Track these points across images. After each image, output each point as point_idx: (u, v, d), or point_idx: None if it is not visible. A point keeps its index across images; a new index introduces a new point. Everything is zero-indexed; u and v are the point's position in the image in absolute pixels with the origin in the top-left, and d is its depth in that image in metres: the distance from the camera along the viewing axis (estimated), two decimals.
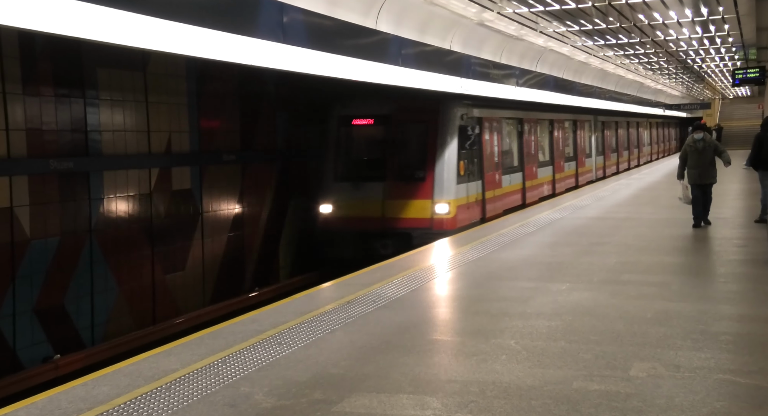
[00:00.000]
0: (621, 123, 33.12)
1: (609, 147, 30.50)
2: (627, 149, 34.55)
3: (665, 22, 18.59)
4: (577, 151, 25.14)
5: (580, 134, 25.56)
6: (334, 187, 14.51)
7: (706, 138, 12.66)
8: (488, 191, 15.82)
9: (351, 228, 14.06)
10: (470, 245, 11.56)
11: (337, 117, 14.95)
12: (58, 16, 5.53)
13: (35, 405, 5.07)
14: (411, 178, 14.20)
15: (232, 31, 7.43)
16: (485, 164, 15.77)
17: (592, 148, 27.50)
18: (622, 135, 33.33)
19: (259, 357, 5.98)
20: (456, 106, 14.61)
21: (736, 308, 7.22)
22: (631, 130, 35.48)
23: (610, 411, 4.61)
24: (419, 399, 4.92)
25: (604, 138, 29.40)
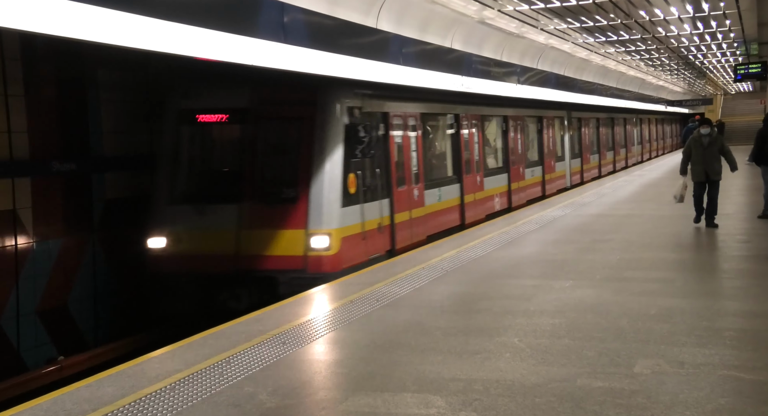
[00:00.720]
0: (604, 120, 29.09)
1: (588, 148, 26.29)
2: (612, 149, 30.45)
3: (666, 19, 18.56)
4: (545, 153, 20.99)
5: (548, 133, 21.43)
6: (169, 211, 10.15)
7: (713, 133, 12.12)
8: (401, 213, 11.72)
9: (190, 271, 9.86)
10: (473, 244, 11.56)
11: (175, 111, 10.52)
12: (54, 18, 5.49)
13: (40, 407, 5.08)
14: (277, 199, 9.94)
15: (232, 32, 7.42)
16: (395, 177, 11.63)
17: (565, 149, 23.43)
18: (604, 134, 29.20)
19: (263, 357, 5.98)
20: (342, 96, 10.31)
21: (740, 305, 7.21)
22: (617, 127, 31.47)
23: (614, 408, 4.60)
24: (423, 398, 4.92)
25: (581, 138, 25.24)
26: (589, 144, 26.54)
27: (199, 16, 6.98)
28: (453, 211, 14.20)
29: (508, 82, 16.95)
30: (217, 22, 7.22)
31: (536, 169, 20.33)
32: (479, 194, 15.63)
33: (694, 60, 31.38)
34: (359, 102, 10.72)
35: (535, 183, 20.06)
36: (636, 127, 36.13)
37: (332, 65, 9.44)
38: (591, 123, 26.94)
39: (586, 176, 25.46)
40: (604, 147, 28.67)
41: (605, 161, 28.99)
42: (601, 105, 26.90)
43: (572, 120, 24.16)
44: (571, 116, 23.87)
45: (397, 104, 12.05)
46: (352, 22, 10.21)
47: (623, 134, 32.82)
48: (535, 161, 20.33)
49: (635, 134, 35.94)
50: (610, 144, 30.14)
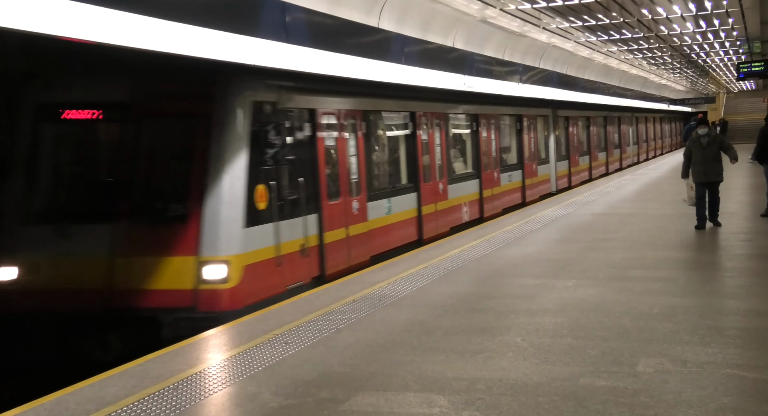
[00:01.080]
0: (595, 119, 26.91)
1: (577, 149, 24.05)
2: (604, 150, 28.15)
3: (669, 17, 18.54)
4: (525, 156, 18.82)
5: (529, 133, 19.37)
6: (21, 233, 8.12)
7: (711, 133, 11.87)
8: (334, 231, 9.68)
9: (46, 309, 7.70)
10: (475, 243, 11.55)
11: (32, 105, 8.44)
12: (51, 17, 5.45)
13: (43, 407, 5.09)
14: (162, 217, 8.00)
15: (235, 31, 7.41)
16: (326, 188, 9.60)
17: (550, 151, 21.39)
18: (596, 133, 27.01)
19: (266, 356, 5.99)
20: (250, 87, 8.29)
21: (743, 303, 7.20)
22: (610, 127, 29.15)
23: (617, 407, 4.60)
24: (426, 397, 4.92)
25: (569, 138, 23.13)
26: (578, 145, 24.34)
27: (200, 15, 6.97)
28: (407, 225, 12.05)
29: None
30: (221, 22, 7.20)
31: (515, 173, 18.10)
32: (442, 203, 13.45)
33: (696, 58, 31.33)
34: (274, 96, 8.58)
35: (513, 189, 17.85)
36: (631, 126, 34.01)
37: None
38: (580, 122, 24.82)
39: (574, 179, 23.38)
40: (595, 148, 26.68)
41: (597, 162, 26.86)
42: (591, 103, 25.06)
43: (558, 119, 22.16)
44: (556, 114, 21.89)
45: (328, 100, 9.86)
46: (354, 22, 10.18)
47: (617, 134, 30.74)
48: (513, 164, 18.21)
49: (630, 134, 33.74)
50: (602, 145, 28.00)
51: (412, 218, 12.31)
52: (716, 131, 12.56)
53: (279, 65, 8.14)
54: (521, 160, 18.63)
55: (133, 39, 6.05)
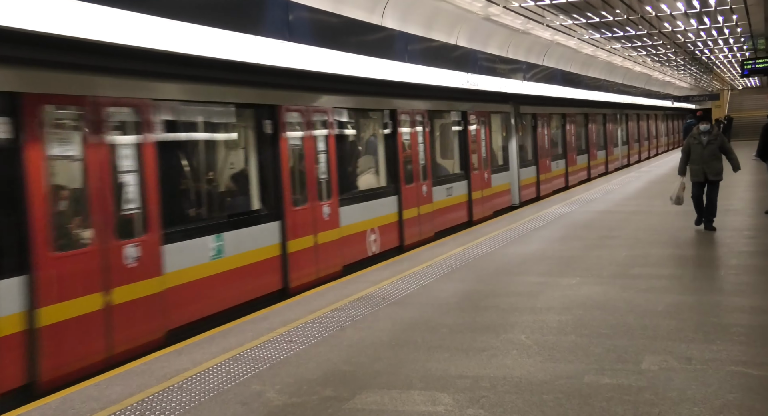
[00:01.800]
0: (573, 117, 22.85)
1: (548, 152, 20.24)
2: (585, 152, 24.40)
3: (673, 14, 18.50)
4: (472, 164, 14.67)
5: (479, 134, 15.13)
6: None
7: (713, 130, 11.30)
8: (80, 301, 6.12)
9: None
10: (479, 241, 11.55)
11: None
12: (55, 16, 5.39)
13: (48, 406, 5.10)
14: None
15: (237, 30, 7.42)
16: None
17: (511, 156, 17.49)
18: (575, 133, 23.01)
19: (270, 355, 5.99)
20: None
21: (747, 300, 7.18)
22: (593, 125, 25.32)
23: (622, 404, 4.59)
24: (430, 395, 4.92)
25: (536, 139, 19.27)
26: (551, 147, 20.60)
27: (204, 14, 6.97)
28: (266, 270, 8.52)
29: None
30: (223, 21, 7.21)
31: (456, 185, 14.01)
32: (325, 234, 9.66)
33: (700, 55, 31.25)
34: None
35: (453, 206, 13.73)
36: (620, 125, 30.05)
37: (337, 62, 9.15)
38: (554, 121, 21.32)
39: (544, 188, 19.59)
40: (573, 151, 22.83)
41: (574, 167, 22.95)
42: (568, 98, 20.94)
43: (522, 117, 18.29)
44: (519, 111, 17.88)
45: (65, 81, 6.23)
46: (357, 20, 10.17)
47: (602, 134, 27.00)
48: (452, 174, 14.24)
49: (618, 134, 29.75)
50: (582, 146, 24.25)
51: (274, 257, 8.76)
52: (718, 129, 11.59)
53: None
54: (467, 169, 14.44)
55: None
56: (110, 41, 5.82)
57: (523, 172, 17.99)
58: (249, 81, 8.33)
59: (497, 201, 16.10)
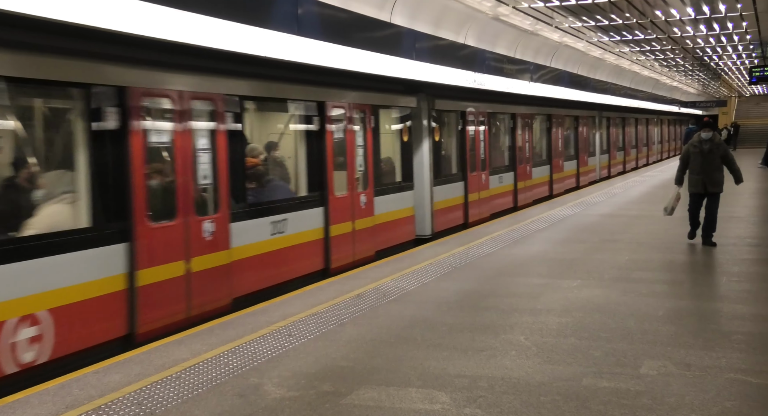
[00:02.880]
0: (525, 118, 17.72)
1: (482, 163, 14.88)
2: (546, 162, 19.67)
3: (682, 19, 18.45)
4: (327, 181, 9.75)
5: (350, 141, 10.33)
6: None
7: (715, 138, 10.46)
8: None
9: None
10: (481, 241, 11.54)
11: None
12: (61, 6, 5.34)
13: (47, 392, 5.11)
14: None
15: (246, 23, 7.42)
16: None
17: (422, 168, 12.59)
18: (527, 139, 17.84)
19: (269, 348, 6.00)
20: None
21: (748, 308, 7.17)
22: (557, 129, 20.31)
23: (619, 408, 4.59)
24: (428, 393, 4.92)
25: (475, 145, 14.46)
26: (487, 156, 15.09)
27: (213, 6, 6.97)
28: None
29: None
30: (232, 13, 7.20)
31: (296, 218, 9.11)
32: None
33: (709, 61, 31.17)
34: None
35: (295, 248, 9.03)
36: (598, 130, 25.36)
37: (345, 58, 9.14)
38: (501, 121, 16.69)
39: (476, 213, 14.33)
40: (526, 161, 17.65)
41: (526, 183, 17.62)
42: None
43: (441, 116, 13.21)
44: (433, 106, 12.74)
45: None
46: (365, 16, 10.16)
47: (572, 140, 22.43)
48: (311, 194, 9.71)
49: (594, 140, 25.05)
50: (543, 155, 19.62)
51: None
52: (720, 137, 10.80)
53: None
54: (323, 186, 9.50)
55: None
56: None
57: (440, 191, 12.94)
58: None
59: (392, 234, 11.36)
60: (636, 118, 31.60)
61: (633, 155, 31.20)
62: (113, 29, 5.84)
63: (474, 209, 14.27)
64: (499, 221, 14.29)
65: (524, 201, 17.32)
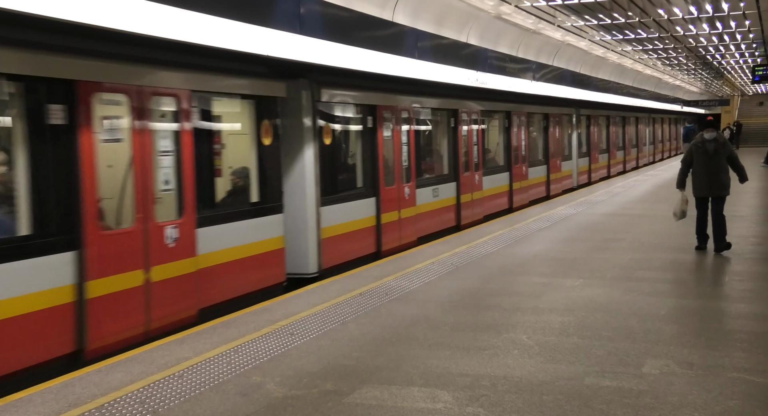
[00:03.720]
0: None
1: (427, 167, 13.05)
2: (504, 168, 16.30)
3: (685, 18, 18.42)
4: None
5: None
6: None
7: (719, 138, 9.95)
8: None
9: None
10: (483, 240, 11.54)
11: None
12: None
13: (50, 390, 5.12)
14: None
15: (248, 21, 7.41)
16: None
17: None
18: (470, 140, 14.21)
19: (271, 347, 6.00)
20: None
21: (751, 307, 7.16)
22: (516, 129, 16.79)
23: (622, 407, 4.58)
24: (430, 392, 4.92)
25: (394, 151, 11.25)
26: (413, 162, 11.75)
27: (213, 4, 6.95)
28: None
29: None
30: (234, 12, 7.19)
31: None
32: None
33: (711, 60, 31.12)
34: None
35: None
36: (576, 130, 22.31)
37: (348, 57, 9.04)
38: (441, 120, 13.56)
39: (407, 233, 11.45)
40: (473, 168, 14.19)
41: (473, 197, 14.05)
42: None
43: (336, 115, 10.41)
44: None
45: None
46: (368, 15, 10.14)
47: (541, 142, 19.27)
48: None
49: (571, 141, 21.99)
50: (498, 160, 16.29)
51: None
52: (725, 136, 10.32)
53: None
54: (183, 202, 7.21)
55: None
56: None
57: (333, 214, 9.68)
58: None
59: (247, 278, 8.19)
60: (624, 116, 28.88)
61: (620, 158, 28.23)
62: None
63: (391, 234, 10.80)
64: (498, 221, 14.25)
65: (473, 217, 13.97)
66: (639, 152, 31.97)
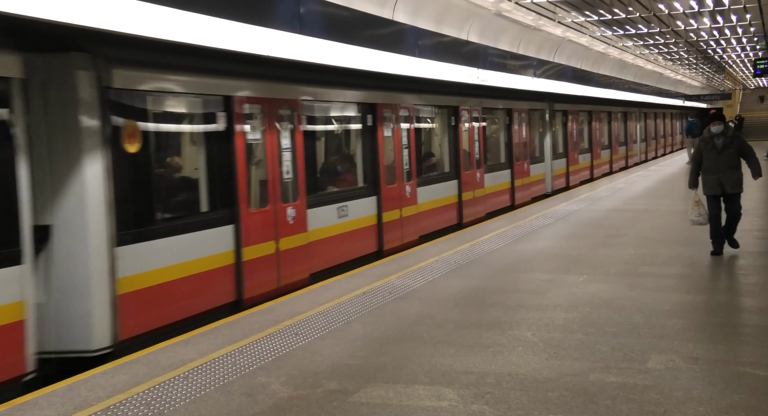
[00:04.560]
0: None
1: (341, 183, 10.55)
2: (451, 176, 13.40)
3: (686, 12, 18.38)
4: None
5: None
6: None
7: (729, 132, 9.38)
8: None
9: None
10: (486, 237, 11.53)
11: None
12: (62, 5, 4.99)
13: (56, 393, 5.13)
14: None
15: (248, 22, 7.41)
16: None
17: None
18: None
19: (276, 347, 6.01)
20: None
21: (755, 301, 7.15)
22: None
23: (627, 403, 4.58)
24: (435, 390, 4.92)
25: (267, 158, 8.33)
26: (301, 175, 8.86)
27: (213, 5, 6.95)
28: None
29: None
30: (233, 13, 7.19)
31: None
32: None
33: (713, 54, 31.05)
34: None
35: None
36: (550, 128, 19.38)
37: (348, 56, 9.08)
38: (348, 116, 10.76)
39: (290, 272, 8.72)
40: (402, 178, 11.29)
41: (404, 213, 11.27)
42: None
43: None
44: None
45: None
46: (368, 14, 10.13)
47: (502, 142, 16.31)
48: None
49: (544, 141, 19.18)
50: (442, 166, 13.44)
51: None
52: (733, 129, 9.66)
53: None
54: None
55: None
56: None
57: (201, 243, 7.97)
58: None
59: None
60: (609, 112, 25.93)
61: (606, 158, 25.41)
62: None
63: (254, 280, 7.96)
64: (501, 218, 14.22)
65: (408, 238, 11.32)
66: (628, 151, 28.76)
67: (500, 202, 15.46)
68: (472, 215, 13.88)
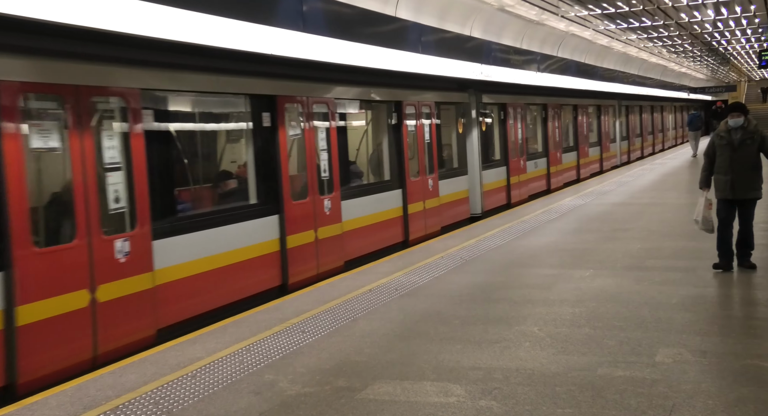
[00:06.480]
0: None
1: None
2: (395, 184, 11.36)
3: (689, 4, 18.30)
4: None
5: None
6: None
7: (749, 126, 7.84)
8: None
9: None
10: (492, 232, 11.52)
11: None
12: None
13: (65, 393, 5.15)
14: None
15: (251, 20, 7.42)
16: None
17: None
18: None
19: (283, 345, 6.02)
20: None
21: (763, 293, 7.12)
22: None
23: (635, 397, 4.58)
24: (443, 386, 4.92)
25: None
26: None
27: (217, 4, 6.97)
28: None
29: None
30: (237, 11, 7.19)
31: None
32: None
33: (717, 46, 30.92)
34: None
35: None
36: (522, 124, 16.75)
37: (352, 54, 9.18)
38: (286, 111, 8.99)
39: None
40: (328, 190, 9.41)
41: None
42: None
43: None
44: None
45: None
46: (370, 11, 10.12)
47: (455, 143, 14.02)
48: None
49: (515, 138, 16.36)
50: (381, 172, 11.53)
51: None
52: (755, 123, 7.99)
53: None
54: None
55: None
56: None
57: None
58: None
59: None
60: (599, 105, 23.86)
61: (595, 155, 23.51)
62: None
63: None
64: (508, 213, 14.21)
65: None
66: (603, 151, 25.02)
67: (457, 214, 13.39)
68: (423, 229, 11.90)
